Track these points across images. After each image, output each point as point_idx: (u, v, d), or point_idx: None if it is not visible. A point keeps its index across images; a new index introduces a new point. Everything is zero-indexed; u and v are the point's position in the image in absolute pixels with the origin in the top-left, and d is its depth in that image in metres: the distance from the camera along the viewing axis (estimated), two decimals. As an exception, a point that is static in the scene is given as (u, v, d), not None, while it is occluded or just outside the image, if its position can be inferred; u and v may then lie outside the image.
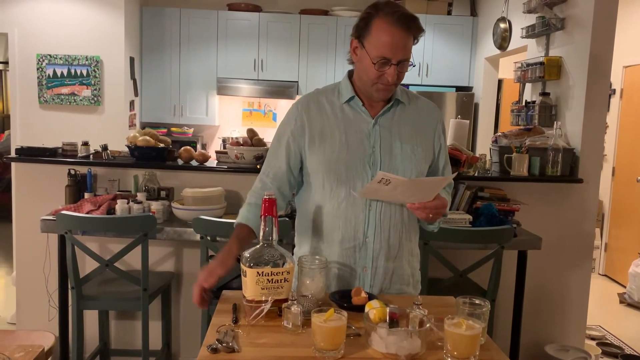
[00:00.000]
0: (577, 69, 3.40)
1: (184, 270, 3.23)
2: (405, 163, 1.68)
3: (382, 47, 1.56)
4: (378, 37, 1.57)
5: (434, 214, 1.61)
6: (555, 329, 3.49)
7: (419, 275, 1.85)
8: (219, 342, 1.28)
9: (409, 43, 1.59)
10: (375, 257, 1.69)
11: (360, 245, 1.68)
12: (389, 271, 1.71)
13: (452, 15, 5.70)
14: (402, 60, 1.58)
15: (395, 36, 1.55)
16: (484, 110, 5.55)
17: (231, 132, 5.92)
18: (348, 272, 1.70)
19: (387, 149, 1.68)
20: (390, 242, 1.70)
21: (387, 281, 1.72)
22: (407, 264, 1.77)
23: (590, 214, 3.44)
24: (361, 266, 1.70)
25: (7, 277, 4.97)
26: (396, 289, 1.74)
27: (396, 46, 1.56)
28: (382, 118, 1.71)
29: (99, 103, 5.02)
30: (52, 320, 3.18)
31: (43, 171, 3.20)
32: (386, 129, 1.70)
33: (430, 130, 1.77)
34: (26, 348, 1.51)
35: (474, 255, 2.77)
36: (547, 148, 3.24)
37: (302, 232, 1.80)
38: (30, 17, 4.89)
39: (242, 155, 3.10)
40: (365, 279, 1.70)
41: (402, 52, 1.57)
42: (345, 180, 1.66)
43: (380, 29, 1.56)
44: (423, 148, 1.73)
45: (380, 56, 1.57)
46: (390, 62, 1.57)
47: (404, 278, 1.76)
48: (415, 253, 1.81)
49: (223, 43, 5.65)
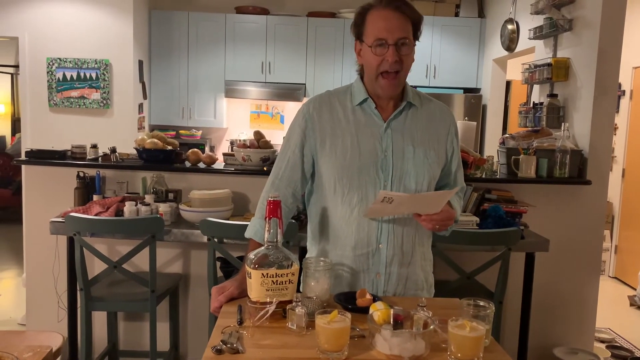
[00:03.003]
0: (585, 70, 3.38)
1: (191, 272, 3.25)
2: (418, 167, 1.66)
3: (377, 30, 1.58)
4: (372, 25, 1.59)
5: (441, 225, 1.61)
6: (563, 331, 3.46)
7: (432, 279, 1.83)
8: (223, 343, 1.29)
9: (404, 24, 1.59)
10: (388, 264, 1.67)
11: (373, 252, 1.67)
12: (402, 277, 1.70)
13: (459, 16, 5.69)
14: (400, 39, 1.57)
15: (388, 18, 1.57)
16: (491, 112, 5.53)
17: (239, 134, 5.94)
18: (361, 278, 1.69)
19: (399, 152, 1.66)
20: (404, 248, 1.68)
21: (400, 287, 1.71)
22: (421, 269, 1.75)
23: (599, 215, 3.41)
24: (374, 272, 1.68)
25: (17, 279, 5.02)
26: (411, 294, 1.72)
27: (390, 26, 1.57)
28: (394, 121, 1.69)
29: (108, 106, 5.06)
30: (61, 322, 3.21)
31: (52, 174, 3.23)
32: (398, 132, 1.68)
33: (443, 134, 1.74)
34: (34, 348, 1.52)
35: (481, 257, 2.76)
36: (554, 150, 3.23)
37: (314, 236, 1.79)
38: (41, 22, 4.95)
39: (249, 157, 3.11)
40: (379, 285, 1.69)
41: (398, 31, 1.57)
42: (357, 186, 1.64)
43: (373, 17, 1.60)
44: (436, 152, 1.70)
45: (376, 39, 1.58)
46: (387, 43, 1.57)
47: (418, 283, 1.74)
48: (428, 257, 1.79)
49: (231, 46, 5.68)
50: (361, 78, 1.73)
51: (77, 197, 3.10)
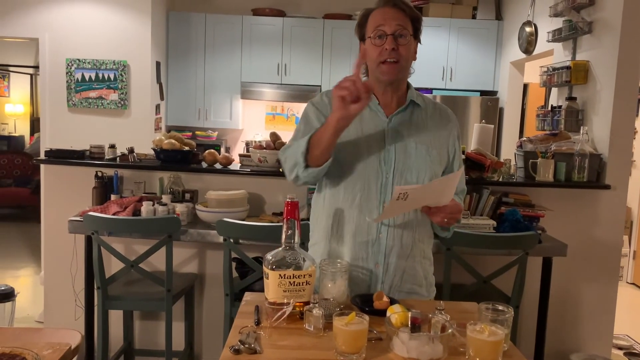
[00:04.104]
0: (605, 73, 3.34)
1: (207, 271, 3.26)
2: (420, 162, 1.71)
3: (376, 23, 1.68)
4: (372, 21, 1.69)
5: (449, 218, 1.63)
6: (581, 337, 3.42)
7: (432, 279, 1.86)
8: (241, 343, 1.29)
9: (402, 18, 1.67)
10: (387, 254, 1.71)
11: (373, 241, 1.70)
12: (400, 269, 1.73)
13: (477, 19, 5.66)
14: (397, 30, 1.65)
15: (386, 12, 1.68)
16: (508, 115, 5.49)
17: (254, 135, 5.96)
18: (360, 268, 1.72)
19: (402, 147, 1.71)
20: (403, 240, 1.71)
21: (397, 278, 1.73)
22: (419, 265, 1.78)
23: (618, 220, 3.37)
24: (373, 262, 1.72)
25: (35, 277, 5.09)
26: (407, 288, 1.75)
27: (388, 18, 1.66)
28: (397, 117, 1.74)
29: (125, 107, 5.11)
30: (78, 320, 3.24)
31: (71, 173, 3.27)
32: (401, 128, 1.73)
33: (445, 135, 1.79)
34: (54, 346, 1.54)
35: (498, 261, 2.74)
36: (573, 153, 3.19)
37: (315, 225, 1.84)
38: (61, 23, 5.01)
39: (265, 158, 3.12)
40: (378, 275, 1.72)
41: (395, 22, 1.66)
42: (359, 176, 1.69)
43: (374, 15, 1.70)
44: (438, 151, 1.75)
45: (374, 29, 1.67)
46: (385, 33, 1.65)
47: (416, 278, 1.77)
48: (427, 256, 1.83)
49: (247, 47, 5.70)
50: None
51: (95, 197, 3.13)
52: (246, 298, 1.64)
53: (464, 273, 2.62)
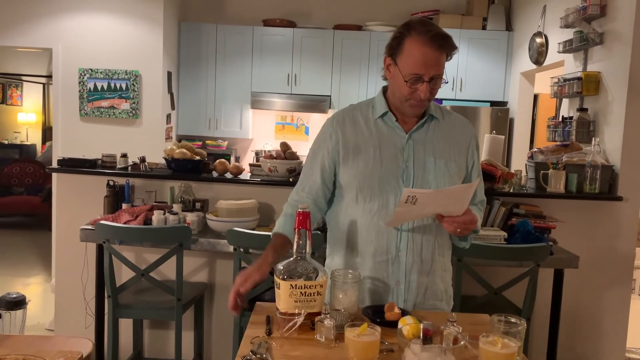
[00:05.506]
0: (617, 84, 3.33)
1: (217, 281, 3.27)
2: (439, 178, 1.69)
3: (414, 65, 1.58)
4: (410, 56, 1.59)
5: (462, 228, 1.61)
6: (593, 350, 3.38)
7: (451, 291, 1.85)
8: (253, 353, 1.29)
9: (442, 60, 1.60)
10: (408, 271, 1.69)
11: (393, 259, 1.69)
12: (422, 286, 1.71)
13: (487, 30, 5.66)
14: (434, 77, 1.60)
15: (427, 55, 1.57)
16: (519, 126, 5.47)
17: (264, 145, 5.98)
18: (382, 286, 1.71)
19: (421, 164, 1.69)
20: (423, 256, 1.70)
21: (420, 296, 1.72)
22: (440, 280, 1.76)
23: (630, 232, 3.34)
24: (394, 280, 1.70)
25: (46, 284, 5.12)
26: (430, 305, 1.73)
27: (428, 64, 1.58)
28: (415, 133, 1.72)
29: (137, 116, 5.15)
30: (88, 328, 3.25)
31: (83, 182, 3.29)
32: (420, 144, 1.71)
33: (464, 146, 1.77)
34: (66, 354, 1.55)
35: (509, 272, 2.72)
36: (584, 164, 3.17)
37: (334, 244, 1.82)
38: (74, 33, 5.07)
39: (276, 168, 3.13)
40: (399, 293, 1.70)
41: (434, 69, 1.59)
42: (378, 194, 1.68)
43: (413, 48, 1.59)
44: (456, 163, 1.74)
45: (412, 74, 1.59)
46: (422, 79, 1.59)
47: (437, 294, 1.76)
48: (447, 268, 1.81)
49: (258, 58, 5.74)
50: (384, 91, 1.77)
51: (107, 205, 3.15)
52: (257, 307, 1.64)
53: (475, 284, 2.61)
